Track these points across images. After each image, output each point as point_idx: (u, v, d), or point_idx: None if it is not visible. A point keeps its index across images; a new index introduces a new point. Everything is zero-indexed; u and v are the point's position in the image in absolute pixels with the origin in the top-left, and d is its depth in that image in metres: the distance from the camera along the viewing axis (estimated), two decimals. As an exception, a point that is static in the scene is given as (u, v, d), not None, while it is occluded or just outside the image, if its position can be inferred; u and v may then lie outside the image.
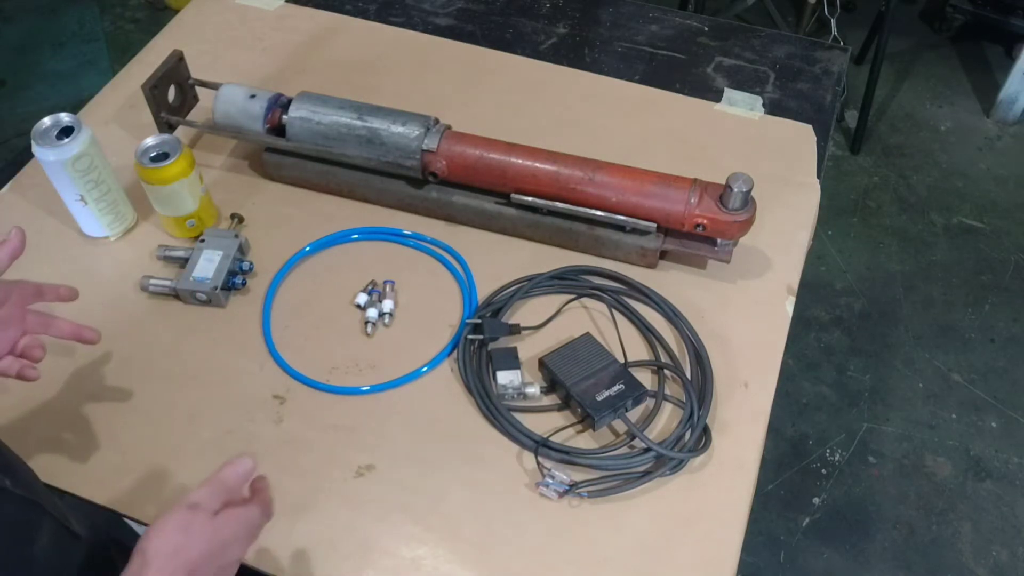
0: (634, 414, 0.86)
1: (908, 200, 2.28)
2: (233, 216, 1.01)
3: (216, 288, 0.91)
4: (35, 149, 0.90)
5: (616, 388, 0.84)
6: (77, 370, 0.88)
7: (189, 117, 1.10)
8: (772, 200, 1.03)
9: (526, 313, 0.94)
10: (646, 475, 0.81)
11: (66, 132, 0.90)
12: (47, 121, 0.91)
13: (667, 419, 0.86)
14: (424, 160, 0.96)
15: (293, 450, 0.83)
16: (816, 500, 1.72)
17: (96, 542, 0.70)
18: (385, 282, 0.96)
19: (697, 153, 1.11)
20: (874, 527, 1.68)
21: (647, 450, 0.81)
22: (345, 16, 1.29)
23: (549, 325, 0.93)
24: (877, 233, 2.20)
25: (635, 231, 0.95)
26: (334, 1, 1.33)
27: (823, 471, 1.76)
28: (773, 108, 1.18)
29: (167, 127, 1.05)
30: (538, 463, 0.81)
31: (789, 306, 0.95)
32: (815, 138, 1.13)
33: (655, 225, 0.93)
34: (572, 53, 1.27)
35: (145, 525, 0.79)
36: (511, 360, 0.88)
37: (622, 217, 0.93)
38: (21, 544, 0.58)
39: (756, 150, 1.12)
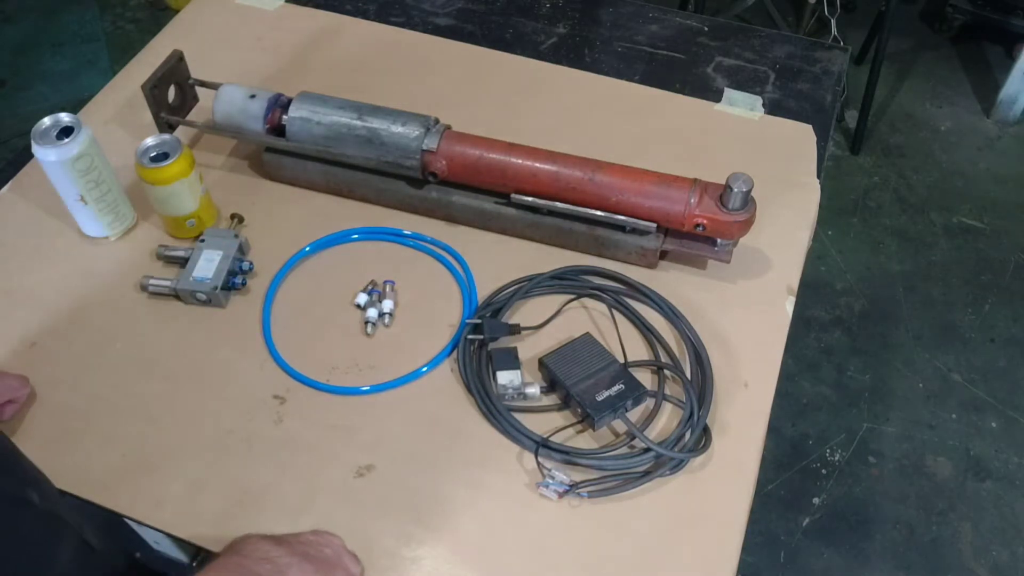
0: (634, 414, 0.86)
1: (908, 200, 2.28)
2: (233, 216, 1.01)
3: (216, 288, 0.91)
4: (35, 149, 0.90)
5: (616, 388, 0.84)
6: (77, 370, 0.88)
7: (189, 117, 1.10)
8: (772, 200, 1.02)
9: (526, 313, 0.94)
10: (646, 475, 0.81)
11: (66, 132, 0.90)
12: (47, 121, 0.91)
13: (667, 419, 0.86)
14: (424, 160, 0.96)
15: (293, 450, 0.83)
16: (816, 500, 1.72)
17: (110, 552, 0.70)
18: (385, 282, 0.96)
19: (697, 153, 1.11)
20: (874, 527, 1.68)
21: (647, 450, 0.81)
22: (345, 16, 1.29)
23: (549, 325, 0.93)
24: (877, 233, 2.20)
25: (635, 231, 0.95)
26: (334, 1, 1.33)
27: (823, 471, 1.76)
28: (773, 108, 1.18)
29: (167, 127, 1.05)
30: (538, 463, 0.81)
31: (789, 306, 0.95)
32: (815, 138, 1.13)
33: (655, 225, 0.93)
34: (572, 53, 1.27)
35: (144, 526, 0.79)
36: (511, 360, 0.88)
37: (622, 217, 0.93)
38: (43, 564, 0.57)
39: (756, 150, 1.12)
